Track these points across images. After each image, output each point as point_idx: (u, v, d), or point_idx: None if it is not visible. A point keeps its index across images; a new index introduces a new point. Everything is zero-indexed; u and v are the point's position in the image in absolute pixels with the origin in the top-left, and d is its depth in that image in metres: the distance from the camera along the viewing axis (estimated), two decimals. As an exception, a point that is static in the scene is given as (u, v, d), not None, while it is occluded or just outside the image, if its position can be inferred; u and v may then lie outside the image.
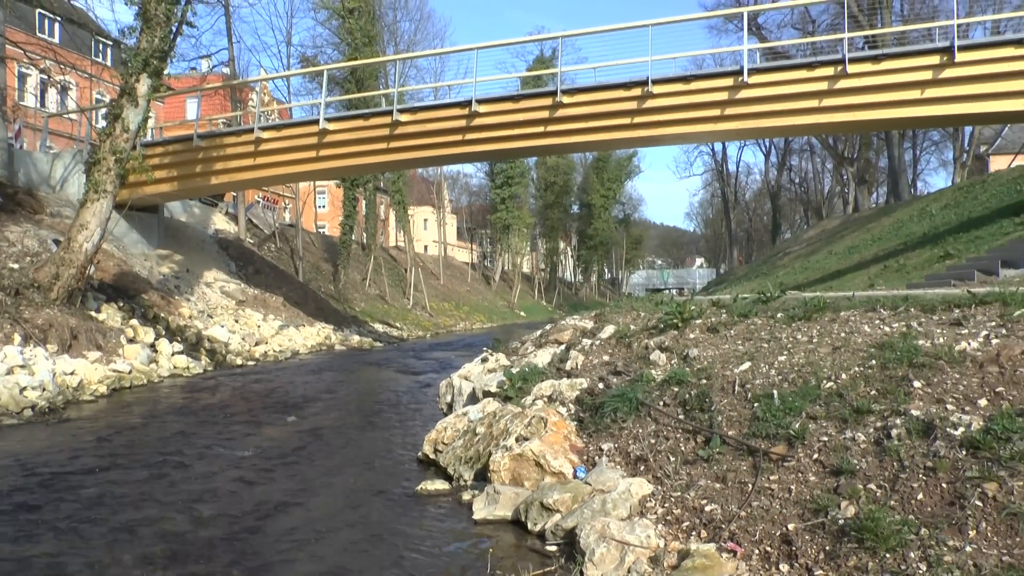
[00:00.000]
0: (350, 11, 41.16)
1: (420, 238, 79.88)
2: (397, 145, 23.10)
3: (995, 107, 18.96)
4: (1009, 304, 7.45)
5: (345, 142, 23.55)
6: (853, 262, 27.14)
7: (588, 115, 21.19)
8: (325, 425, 12.77)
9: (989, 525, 4.79)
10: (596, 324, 11.94)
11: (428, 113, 22.67)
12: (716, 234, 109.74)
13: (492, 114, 21.73)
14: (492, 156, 42.33)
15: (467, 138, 22.31)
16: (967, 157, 54.52)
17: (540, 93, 21.97)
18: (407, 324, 45.87)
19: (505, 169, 69.67)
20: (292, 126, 24.82)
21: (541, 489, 7.14)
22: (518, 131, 22.02)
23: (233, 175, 25.21)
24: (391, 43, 50.41)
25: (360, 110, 25.64)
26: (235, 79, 37.70)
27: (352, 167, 26.51)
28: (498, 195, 71.71)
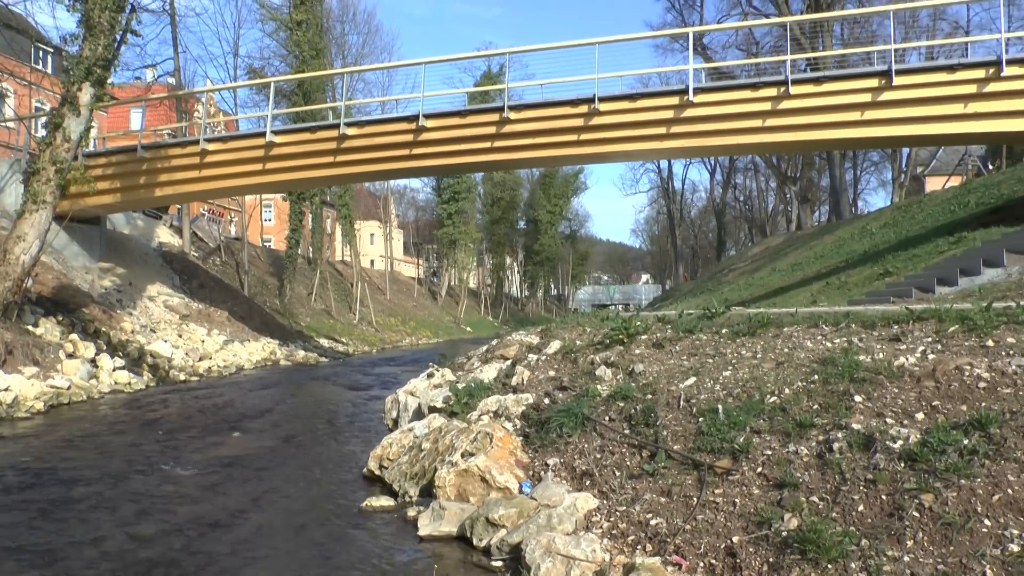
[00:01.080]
0: (298, 23, 40.92)
1: (367, 253, 79.39)
2: (344, 159, 23.00)
3: (929, 130, 19.52)
4: (944, 321, 7.65)
5: (292, 155, 23.38)
6: (796, 279, 27.58)
7: (535, 131, 21.30)
8: (269, 441, 12.62)
9: (926, 535, 4.91)
10: (542, 339, 11.97)
11: (375, 127, 22.61)
12: (662, 250, 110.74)
13: (439, 129, 21.74)
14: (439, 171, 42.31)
15: (414, 153, 22.28)
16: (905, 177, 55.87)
17: (487, 109, 22.05)
18: (353, 339, 45.53)
19: (452, 184, 69.61)
20: (238, 138, 24.57)
21: (487, 504, 7.13)
22: (465, 146, 22.06)
23: (178, 187, 24.84)
24: (339, 56, 50.22)
25: (307, 123, 25.46)
26: (181, 89, 37.24)
27: (299, 180, 26.31)
28: (445, 210, 71.56)
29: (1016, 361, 6.31)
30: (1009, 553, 4.58)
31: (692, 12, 56.45)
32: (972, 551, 4.68)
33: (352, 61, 50.50)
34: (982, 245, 16.40)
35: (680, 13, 56.64)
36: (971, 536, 4.78)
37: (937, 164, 55.83)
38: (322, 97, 41.40)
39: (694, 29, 37.34)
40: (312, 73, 36.70)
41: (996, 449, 5.30)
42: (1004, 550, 4.61)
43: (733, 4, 53.75)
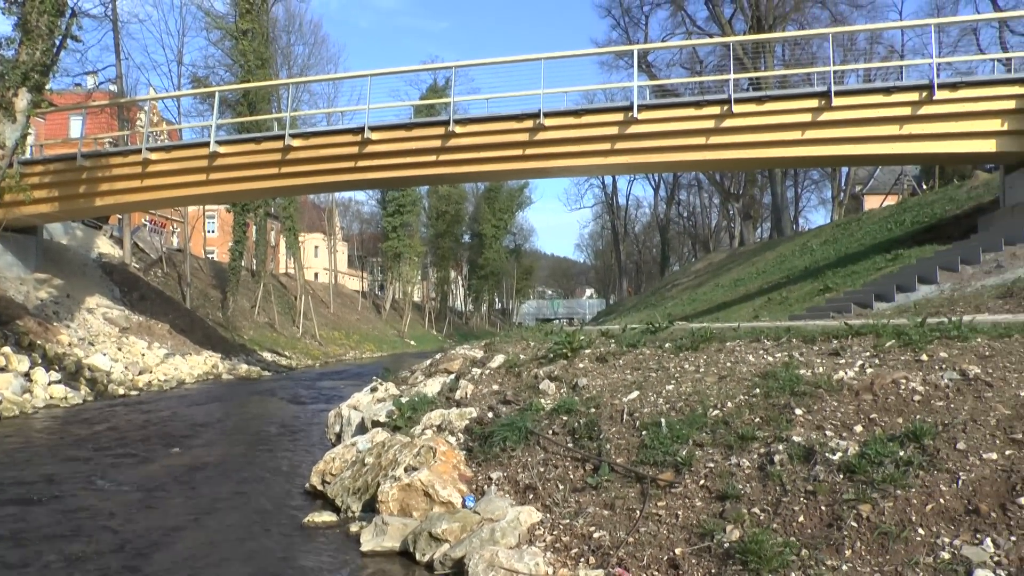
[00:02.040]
0: (243, 32, 40.49)
1: (311, 265, 78.63)
2: (289, 170, 22.81)
3: (867, 150, 20.00)
4: (881, 336, 7.81)
5: (236, 166, 23.12)
6: (739, 294, 27.94)
7: (480, 145, 21.36)
8: (210, 457, 12.41)
9: (863, 544, 5.00)
10: (486, 353, 11.96)
11: (321, 139, 22.47)
12: (606, 265, 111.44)
13: (385, 142, 21.68)
14: (384, 184, 42.15)
15: (359, 165, 22.18)
16: (844, 196, 57.03)
17: (433, 122, 22.06)
18: (296, 353, 45.04)
19: (397, 197, 69.33)
20: (182, 148, 24.18)
21: (430, 519, 7.09)
22: (411, 159, 22.02)
23: (119, 197, 24.38)
24: (284, 66, 49.86)
25: (252, 134, 25.23)
26: (123, 97, 36.54)
27: (243, 192, 26.02)
28: (389, 223, 71.21)
29: (948, 375, 6.47)
30: (941, 561, 4.69)
31: (637, 30, 57.08)
32: (907, 559, 4.79)
33: (298, 72, 50.14)
34: (917, 263, 16.79)
35: (625, 31, 57.24)
36: (906, 545, 4.89)
37: (875, 183, 57.09)
38: (267, 108, 41.00)
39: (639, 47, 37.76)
40: (257, 83, 36.35)
41: (930, 460, 5.43)
42: (936, 558, 4.72)
43: (677, 23, 54.51)
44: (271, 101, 42.52)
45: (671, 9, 53.86)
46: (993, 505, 4.95)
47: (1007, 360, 6.58)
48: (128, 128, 36.45)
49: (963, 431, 5.63)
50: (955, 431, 5.65)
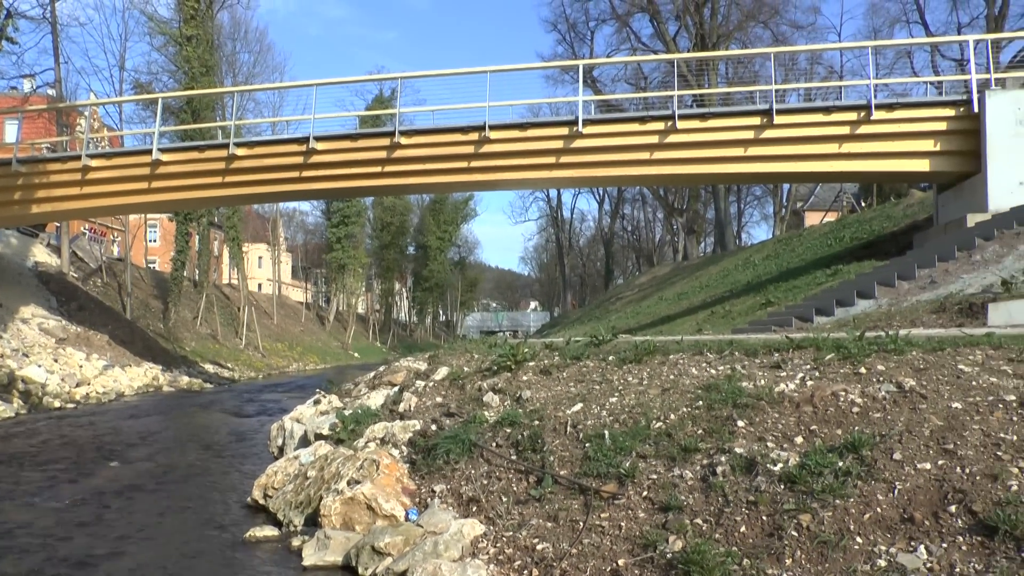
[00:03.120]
0: (188, 39, 39.97)
1: (254, 276, 77.76)
2: (233, 179, 22.53)
3: (808, 167, 20.40)
4: (821, 349, 7.95)
5: (179, 174, 22.77)
6: (682, 308, 28.21)
7: (426, 157, 21.33)
8: (150, 471, 12.17)
9: (803, 553, 5.07)
10: (430, 366, 11.91)
11: (265, 148, 22.25)
12: (550, 278, 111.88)
13: (330, 152, 21.55)
14: (330, 195, 41.92)
15: (304, 175, 22.01)
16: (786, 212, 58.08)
17: (378, 133, 21.97)
18: (239, 365, 44.44)
19: (342, 208, 68.88)
20: (123, 155, 23.73)
21: (372, 533, 7.02)
22: (356, 170, 21.91)
23: (57, 204, 23.83)
24: (229, 74, 49.27)
25: (196, 142, 24.91)
26: (62, 102, 35.84)
27: (186, 200, 25.64)
28: (334, 234, 70.68)
29: (885, 387, 6.60)
30: (878, 568, 4.78)
31: (583, 45, 57.60)
32: (845, 567, 4.87)
33: (243, 80, 49.59)
34: (856, 278, 17.09)
35: (571, 46, 57.73)
36: (844, 553, 4.97)
37: (815, 200, 58.20)
38: (212, 115, 40.48)
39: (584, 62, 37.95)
40: (202, 90, 35.94)
41: (867, 470, 5.53)
42: (873, 565, 4.81)
43: (623, 39, 55.13)
44: (216, 109, 42.01)
45: (616, 25, 54.54)
46: (927, 513, 5.06)
47: (940, 373, 6.73)
48: (67, 134, 35.68)
49: (899, 442, 5.75)
50: (891, 442, 5.76)
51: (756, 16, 49.95)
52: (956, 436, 5.64)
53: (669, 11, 51.88)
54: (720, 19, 50.78)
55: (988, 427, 5.66)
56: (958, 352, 7.21)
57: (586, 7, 54.87)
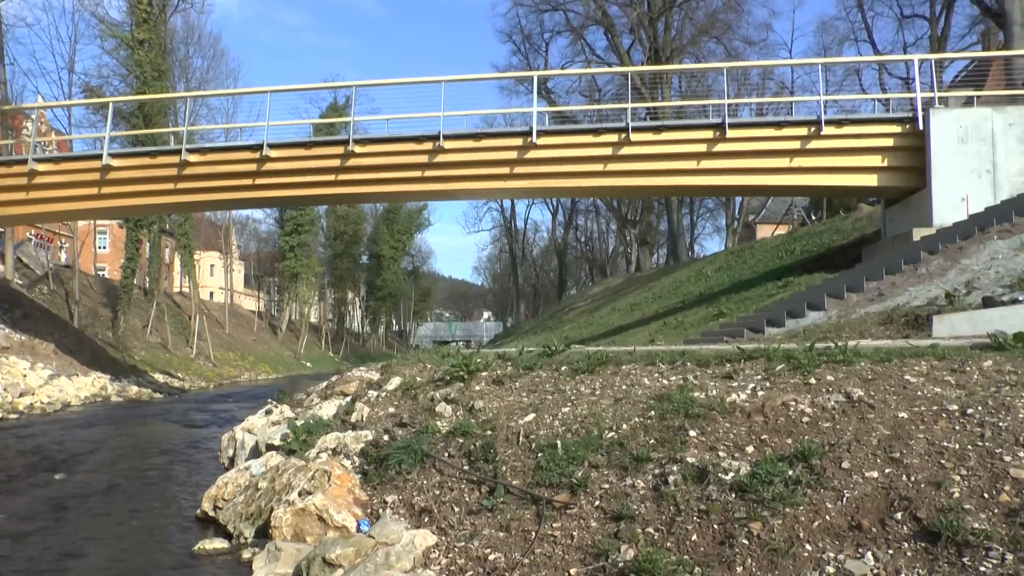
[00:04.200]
0: (140, 42, 39.42)
1: (206, 284, 76.81)
2: (185, 186, 22.29)
3: (759, 181, 20.69)
4: (772, 359, 8.04)
5: (130, 180, 22.46)
6: (635, 318, 28.40)
7: (380, 166, 21.30)
8: (96, 483, 11.91)
9: (754, 561, 5.12)
10: (383, 376, 11.86)
11: (218, 154, 22.06)
12: (504, 288, 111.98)
13: (284, 159, 21.42)
14: (283, 202, 41.59)
15: (258, 183, 21.85)
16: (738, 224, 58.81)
17: (332, 141, 21.91)
18: (190, 374, 43.81)
19: (295, 216, 68.34)
20: (72, 159, 23.34)
21: (324, 544, 6.94)
22: (310, 178, 21.80)
23: (2, 209, 23.36)
24: (182, 79, 48.82)
25: (147, 147, 24.57)
26: (7, 104, 35.16)
27: (137, 207, 25.27)
28: (287, 242, 70.07)
29: (835, 397, 6.69)
30: (826, 575, 4.83)
31: (537, 56, 57.94)
32: (795, 574, 4.92)
33: (196, 85, 49.13)
34: (806, 290, 17.34)
35: (525, 57, 58.03)
36: (794, 561, 5.02)
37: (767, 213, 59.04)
38: (164, 121, 39.98)
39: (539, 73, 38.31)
40: (154, 95, 35.47)
41: (817, 479, 5.60)
42: (822, 572, 4.87)
43: (577, 51, 55.57)
44: (168, 114, 41.53)
45: (571, 37, 54.95)
46: (874, 521, 5.14)
47: (887, 383, 6.85)
48: (13, 137, 35.01)
49: (848, 451, 5.83)
50: (840, 451, 5.84)
51: (709, 31, 50.70)
52: (902, 445, 5.74)
53: (623, 24, 52.49)
54: (674, 33, 51.45)
55: (932, 436, 5.76)
56: (904, 363, 7.34)
57: (541, 19, 55.28)
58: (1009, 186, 18.57)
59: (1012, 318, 9.68)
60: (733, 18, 51.17)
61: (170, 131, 31.74)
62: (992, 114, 19.10)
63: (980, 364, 7.02)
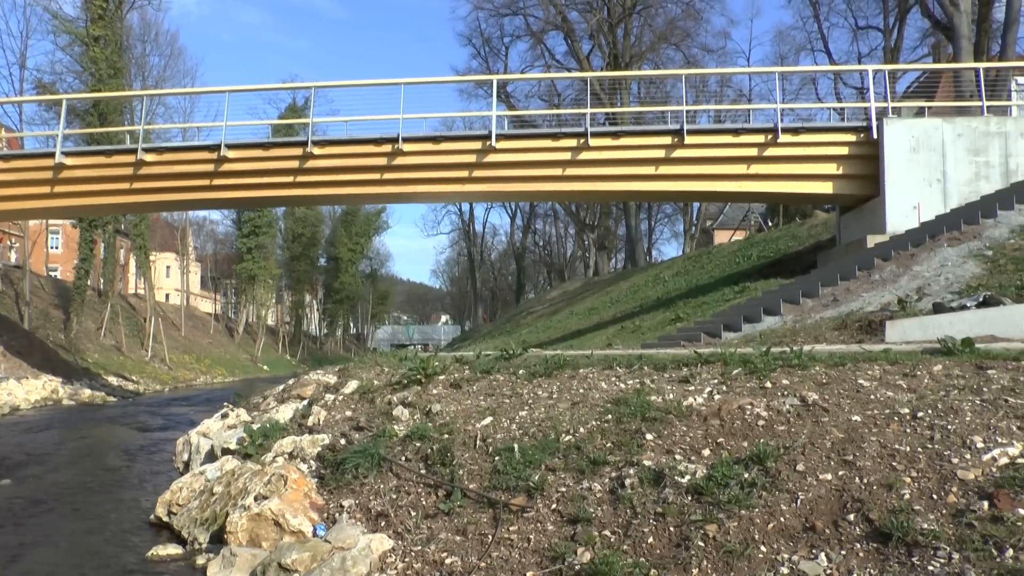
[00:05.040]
0: (95, 39, 38.74)
1: (162, 286, 75.83)
2: (141, 186, 21.98)
3: (717, 187, 20.90)
4: (729, 364, 8.12)
5: (84, 179, 22.09)
6: (593, 322, 28.47)
7: (339, 168, 21.20)
8: (46, 488, 11.70)
9: (710, 563, 5.16)
10: (340, 379, 11.78)
11: (175, 154, 21.79)
12: (462, 292, 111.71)
13: (242, 160, 21.23)
14: (241, 204, 41.20)
15: (215, 183, 21.63)
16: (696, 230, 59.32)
17: (291, 142, 21.76)
18: (144, 377, 43.20)
19: (253, 218, 67.67)
20: (23, 157, 22.90)
21: (279, 549, 6.88)
22: (268, 179, 21.63)
23: (-51, 208, 22.90)
24: (138, 77, 48.11)
25: (102, 146, 24.19)
26: (-46, 100, 34.48)
27: (91, 207, 24.88)
28: (244, 244, 69.36)
29: (790, 401, 6.77)
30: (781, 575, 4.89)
31: (497, 60, 57.94)
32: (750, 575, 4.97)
33: (153, 84, 48.46)
34: (763, 295, 17.51)
35: (485, 60, 57.97)
36: (749, 562, 5.07)
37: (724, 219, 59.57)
38: (119, 119, 39.34)
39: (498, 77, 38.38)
40: (109, 93, 34.95)
41: (772, 481, 5.66)
42: (776, 573, 4.92)
43: (537, 56, 55.65)
44: (124, 112, 40.86)
45: (531, 42, 55.04)
46: (827, 522, 5.21)
47: (841, 387, 6.95)
48: (-40, 134, 34.33)
49: (802, 453, 5.90)
50: (795, 454, 5.91)
51: (668, 38, 51.10)
52: (855, 448, 5.82)
53: (583, 30, 52.73)
54: (633, 40, 51.76)
55: (884, 439, 5.85)
56: (858, 367, 7.45)
57: (501, 23, 55.31)
58: (958, 195, 18.94)
59: (960, 324, 9.87)
60: (692, 25, 51.68)
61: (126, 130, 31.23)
62: (942, 125, 19.47)
63: (930, 368, 7.15)
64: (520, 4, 52.71)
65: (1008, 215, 16.36)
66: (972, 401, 6.18)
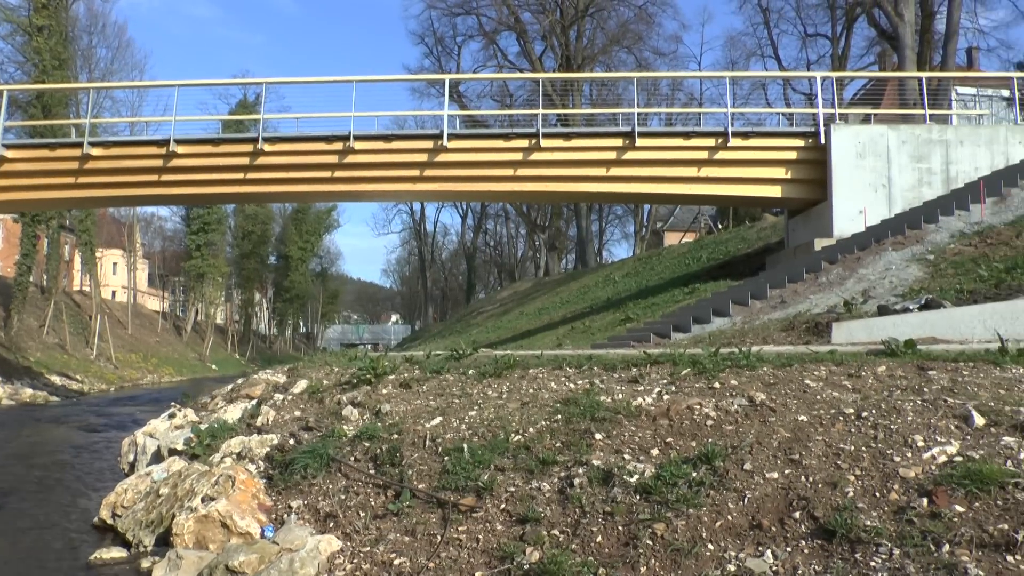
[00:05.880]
0: (39, 29, 37.91)
1: (108, 283, 74.52)
2: (87, 180, 21.59)
3: (667, 189, 21.08)
4: (678, 364, 8.19)
5: (27, 172, 21.64)
6: (543, 322, 28.55)
7: (289, 165, 21.04)
8: (-18, 489, 11.44)
9: (658, 561, 5.20)
10: (289, 379, 11.67)
11: (123, 149, 21.43)
12: (412, 291, 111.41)
13: (191, 156, 20.98)
14: (190, 200, 40.68)
15: (164, 179, 21.32)
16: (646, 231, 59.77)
17: (241, 139, 21.57)
18: (89, 376, 42.41)
19: (202, 215, 66.81)
20: (-39, 149, 22.37)
21: (227, 551, 6.80)
22: (218, 176, 21.39)
23: None
24: (85, 69, 47.20)
25: (46, 139, 23.70)
26: None
27: (34, 201, 24.38)
28: (193, 241, 68.43)
29: (738, 401, 6.85)
30: (728, 573, 4.93)
31: (449, 60, 57.94)
32: (697, 573, 5.01)
33: (99, 76, 47.60)
34: (712, 296, 17.69)
35: (438, 60, 57.95)
36: (697, 560, 5.12)
37: (675, 220, 60.13)
38: (64, 112, 38.57)
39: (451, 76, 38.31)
40: (54, 84, 34.23)
41: (720, 480, 5.72)
42: (724, 571, 4.97)
43: (489, 56, 55.80)
44: (69, 105, 40.07)
45: (484, 42, 55.22)
46: (774, 520, 5.27)
47: (788, 387, 7.04)
48: None
49: (750, 453, 5.97)
50: (743, 453, 5.98)
51: (620, 41, 51.48)
52: (801, 447, 5.90)
53: (536, 31, 52.91)
54: (585, 42, 52.08)
55: (830, 438, 5.94)
56: (805, 368, 7.56)
57: (454, 22, 55.32)
58: (902, 200, 19.35)
59: (904, 326, 10.07)
60: (644, 29, 52.16)
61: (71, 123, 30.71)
62: (888, 131, 19.88)
63: (875, 369, 7.28)
64: (473, 4, 52.84)
65: (949, 220, 16.74)
66: (914, 401, 6.30)
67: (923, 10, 35.99)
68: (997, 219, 16.54)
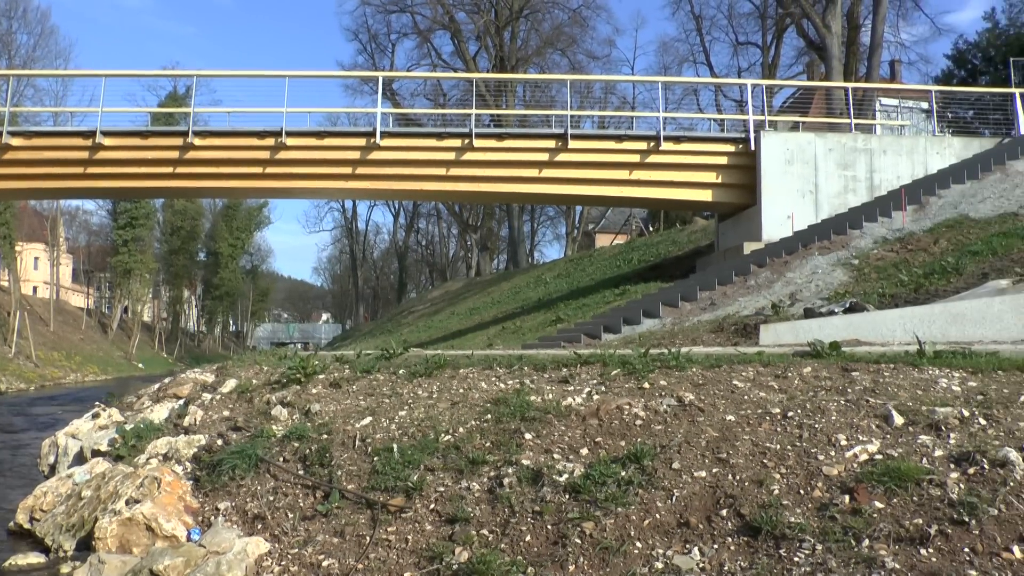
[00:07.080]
0: (-48, 12, 36.77)
1: (29, 278, 72.42)
2: (6, 172, 20.95)
3: (599, 191, 21.30)
4: (608, 364, 8.26)
5: (-60, 162, 20.89)
6: (474, 322, 28.56)
7: (220, 160, 20.74)
8: None
9: (586, 559, 5.24)
10: (218, 378, 11.48)
11: (46, 139, 20.83)
12: (343, 290, 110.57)
13: (119, 148, 20.50)
14: (117, 194, 39.82)
15: (89, 172, 20.80)
16: (578, 233, 60.20)
17: (171, 132, 21.15)
18: (8, 375, 41.26)
19: (130, 209, 65.32)
20: None
21: (151, 555, 6.65)
22: (146, 169, 20.95)
23: None
24: (4, 55, 45.90)
25: (-39, 128, 22.95)
26: None
27: (-53, 194, 23.57)
28: (120, 236, 66.85)
29: (667, 401, 6.94)
30: (655, 570, 5.00)
31: (383, 57, 57.57)
32: (625, 571, 5.07)
33: (20, 64, 46.28)
34: (642, 298, 17.87)
35: (371, 57, 57.51)
36: (625, 558, 5.17)
37: (606, 222, 60.66)
38: (-19, 100, 37.35)
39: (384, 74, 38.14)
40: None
41: (648, 479, 5.79)
42: (651, 568, 5.03)
43: (423, 55, 55.66)
44: (-12, 93, 38.80)
45: (418, 40, 55.01)
46: (701, 518, 5.36)
47: (716, 388, 7.16)
48: None
49: (678, 452, 6.05)
50: (671, 452, 6.06)
51: (554, 43, 51.77)
52: (729, 446, 6.01)
53: (470, 31, 52.91)
54: (520, 43, 52.23)
55: (756, 437, 6.06)
56: (733, 369, 7.69)
57: (388, 19, 54.98)
58: (829, 206, 19.83)
59: (829, 328, 10.31)
60: (578, 32, 52.56)
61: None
62: (815, 139, 20.36)
63: (800, 370, 7.44)
64: (408, 1, 52.61)
65: (872, 227, 17.21)
66: (837, 401, 6.46)
67: (850, 23, 37.04)
68: (917, 226, 17.06)
